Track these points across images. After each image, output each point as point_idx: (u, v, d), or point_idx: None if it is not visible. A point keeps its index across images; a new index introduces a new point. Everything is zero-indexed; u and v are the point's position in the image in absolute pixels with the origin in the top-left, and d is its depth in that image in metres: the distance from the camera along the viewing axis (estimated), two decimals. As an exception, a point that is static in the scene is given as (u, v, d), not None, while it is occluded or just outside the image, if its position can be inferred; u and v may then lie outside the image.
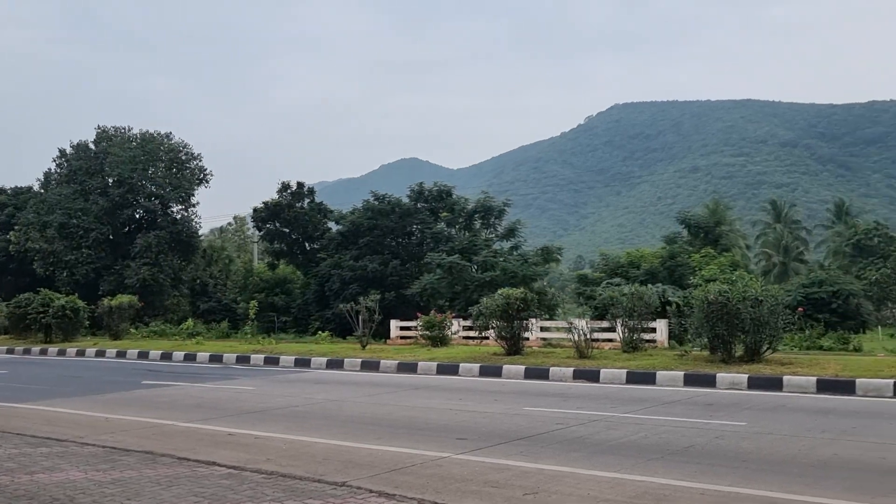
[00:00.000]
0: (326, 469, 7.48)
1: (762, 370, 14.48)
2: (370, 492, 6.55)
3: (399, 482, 6.91)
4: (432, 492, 6.57)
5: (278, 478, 7.09)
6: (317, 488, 6.69)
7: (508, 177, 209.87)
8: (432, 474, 7.24)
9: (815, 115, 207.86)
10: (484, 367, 17.02)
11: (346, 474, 7.22)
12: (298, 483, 6.88)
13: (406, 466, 7.57)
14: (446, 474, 7.24)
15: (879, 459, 7.62)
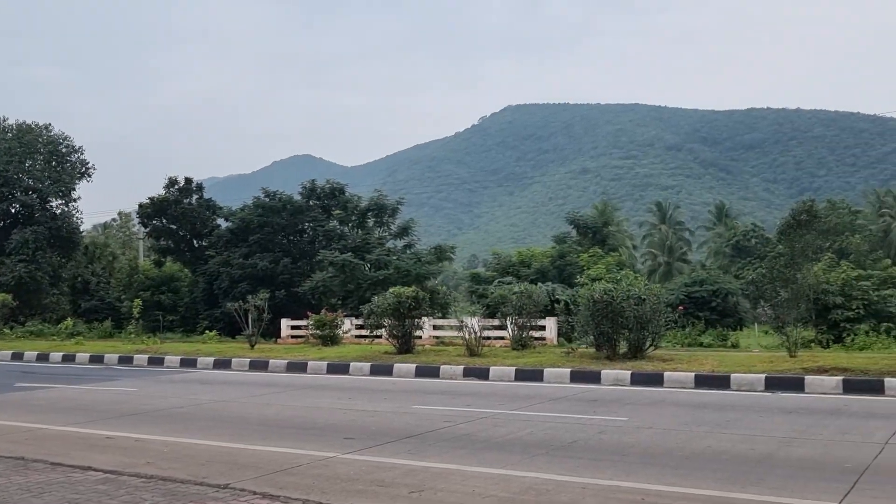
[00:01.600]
0: (209, 471, 7.31)
1: (644, 367, 14.96)
2: (254, 493, 6.44)
3: (284, 483, 6.82)
4: (318, 492, 6.52)
5: (158, 481, 6.89)
6: (198, 491, 6.54)
7: (403, 175, 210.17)
8: (318, 474, 7.18)
9: (698, 121, 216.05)
10: (375, 366, 16.99)
11: (229, 476, 7.07)
12: (179, 486, 6.70)
13: (292, 467, 7.47)
14: (332, 474, 7.19)
15: (749, 450, 7.98)
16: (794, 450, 8.01)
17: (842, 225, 64.58)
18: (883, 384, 12.45)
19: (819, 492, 6.26)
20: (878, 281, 31.05)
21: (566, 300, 20.70)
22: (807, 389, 12.85)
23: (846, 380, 12.78)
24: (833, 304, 25.78)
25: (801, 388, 12.91)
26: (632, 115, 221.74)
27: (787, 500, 6.08)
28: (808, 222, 46.82)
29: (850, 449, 7.97)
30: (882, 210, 69.75)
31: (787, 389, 12.93)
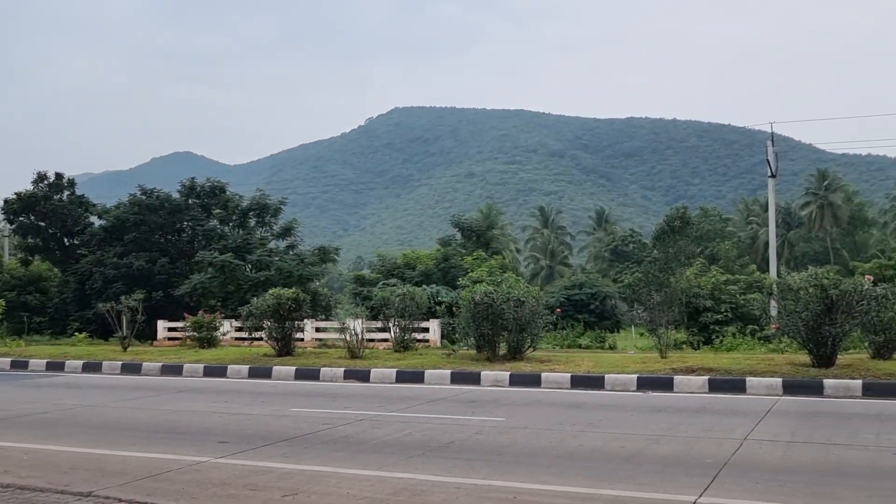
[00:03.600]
0: (72, 479, 7.00)
1: (523, 368, 15.23)
2: (119, 501, 6.22)
3: (152, 489, 6.60)
4: (188, 497, 6.34)
5: (16, 490, 6.55)
6: (59, 500, 6.27)
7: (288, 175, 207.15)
8: (189, 479, 6.99)
9: (580, 128, 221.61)
10: (253, 369, 16.68)
11: (94, 483, 6.79)
12: (39, 495, 6.40)
13: (162, 473, 7.24)
14: (204, 479, 7.01)
15: (619, 448, 8.23)
16: (661, 447, 8.31)
17: (713, 231, 67.59)
18: (745, 383, 13.07)
19: (682, 486, 6.51)
20: (745, 285, 32.53)
21: (447, 302, 20.83)
22: (676, 389, 13.36)
23: (711, 379, 13.36)
24: (703, 307, 26.87)
25: (671, 388, 13.41)
26: (516, 121, 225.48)
27: (651, 495, 6.30)
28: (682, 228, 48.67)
29: (713, 445, 8.32)
30: (750, 218, 73.38)
31: (658, 389, 13.41)
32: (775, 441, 8.50)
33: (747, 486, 6.51)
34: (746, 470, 7.10)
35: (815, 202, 69.01)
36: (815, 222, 68.60)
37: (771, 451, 7.97)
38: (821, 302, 13.87)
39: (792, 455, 7.76)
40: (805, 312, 14.04)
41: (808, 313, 14.00)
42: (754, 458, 7.64)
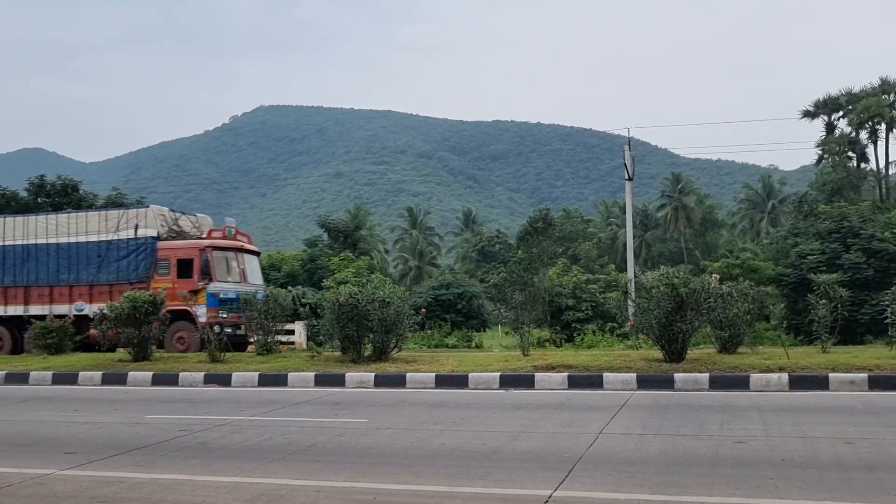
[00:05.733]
0: None
1: (388, 368, 15.23)
2: (-49, 520, 5.82)
3: (-11, 506, 6.22)
4: (28, 513, 6.00)
5: None
6: None
7: (147, 173, 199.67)
8: (32, 493, 6.61)
9: (448, 130, 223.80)
10: (107, 375, 15.98)
11: (-78, 502, 6.34)
12: None
13: (1, 487, 6.82)
14: (48, 492, 6.65)
15: (480, 446, 8.35)
16: (520, 443, 8.48)
17: (575, 232, 69.74)
18: (602, 379, 13.52)
19: (539, 481, 6.66)
20: (604, 284, 33.80)
21: (313, 304, 20.64)
22: (537, 386, 13.67)
23: (571, 376, 13.75)
24: (565, 305, 27.73)
25: (532, 385, 13.72)
26: (384, 122, 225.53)
27: (509, 490, 6.42)
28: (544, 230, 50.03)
29: (570, 440, 8.56)
30: (610, 219, 76.12)
31: (520, 386, 13.70)
32: (628, 434, 8.83)
33: (600, 478, 6.73)
34: (600, 463, 7.34)
35: (669, 204, 72.20)
36: (670, 224, 71.77)
37: (623, 444, 8.27)
38: (672, 300, 14.52)
39: (642, 447, 8.08)
40: (657, 310, 14.66)
41: (660, 311, 14.62)
42: (608, 451, 7.91)
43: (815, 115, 50.31)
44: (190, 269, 21.38)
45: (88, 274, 22.40)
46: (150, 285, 21.18)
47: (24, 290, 22.79)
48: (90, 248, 22.46)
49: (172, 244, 22.09)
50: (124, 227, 22.25)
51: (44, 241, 22.87)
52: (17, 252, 23.04)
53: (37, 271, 22.84)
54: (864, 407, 10.63)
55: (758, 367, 13.54)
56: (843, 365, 13.41)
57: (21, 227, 23.19)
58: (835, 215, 27.70)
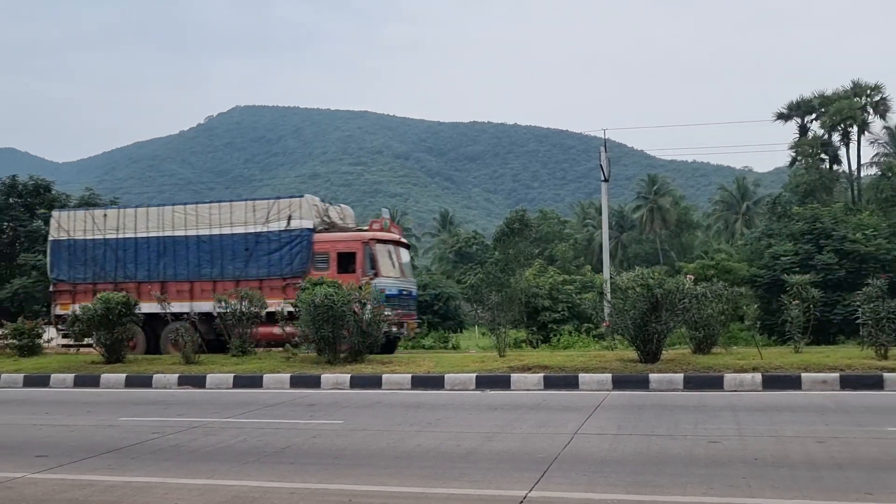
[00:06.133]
0: None
1: (364, 370, 15.19)
2: (-82, 525, 5.73)
3: (-43, 510, 6.13)
4: (-3, 518, 5.93)
5: None
6: None
7: (122, 174, 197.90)
8: (1, 498, 6.52)
9: (424, 131, 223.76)
10: (80, 377, 15.81)
11: None
12: None
13: (-31, 492, 6.74)
14: (18, 496, 6.56)
15: (456, 447, 8.35)
16: (495, 444, 8.49)
17: (551, 233, 69.91)
18: (577, 379, 13.57)
19: (514, 481, 6.67)
20: (580, 285, 33.89)
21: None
22: (513, 387, 13.69)
23: (547, 376, 13.79)
24: (542, 306, 27.76)
25: (508, 386, 13.73)
26: (361, 123, 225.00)
27: (484, 491, 6.42)
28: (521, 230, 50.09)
29: (545, 440, 8.58)
30: (586, 220, 76.38)
31: (496, 387, 13.71)
32: (603, 434, 8.86)
33: (574, 478, 6.75)
34: (575, 463, 7.36)
35: (645, 206, 72.58)
36: (646, 225, 72.15)
37: (598, 444, 8.30)
38: (647, 301, 14.60)
39: (617, 447, 8.11)
40: (633, 311, 14.74)
41: (635, 311, 14.69)
42: (583, 451, 7.93)
43: (788, 117, 50.80)
44: (351, 263, 20.25)
45: (235, 268, 21.03)
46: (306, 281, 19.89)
47: (161, 286, 21.06)
48: (236, 240, 21.10)
49: (331, 236, 20.88)
50: (275, 219, 20.97)
51: (182, 234, 21.47)
52: (152, 245, 21.67)
53: (175, 265, 21.47)
54: (835, 406, 10.74)
55: (732, 368, 13.64)
56: (815, 365, 13.54)
57: (156, 218, 21.80)
58: (808, 217, 27.92)
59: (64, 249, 22.37)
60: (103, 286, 21.18)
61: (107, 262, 21.95)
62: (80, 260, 22.15)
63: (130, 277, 21.58)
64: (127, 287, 20.70)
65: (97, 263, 22.02)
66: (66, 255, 22.31)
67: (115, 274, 21.80)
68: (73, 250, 22.25)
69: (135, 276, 21.64)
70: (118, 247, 21.90)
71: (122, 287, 20.64)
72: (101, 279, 21.80)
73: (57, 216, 23.05)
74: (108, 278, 21.75)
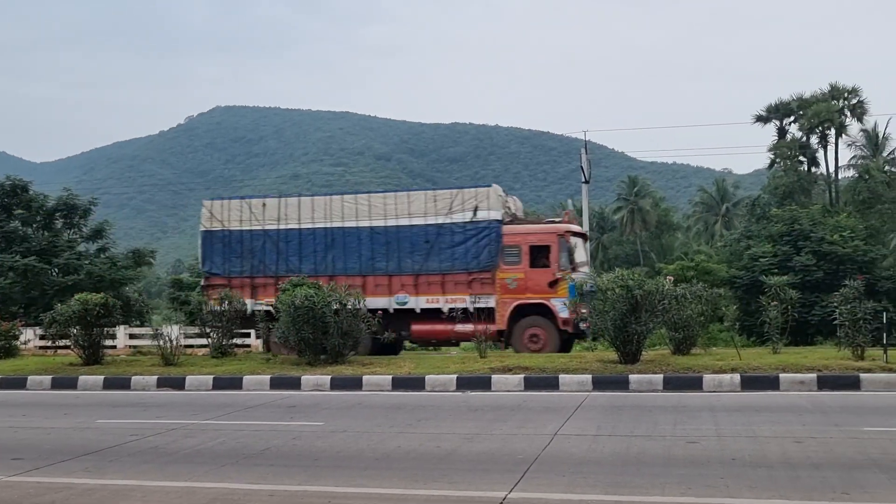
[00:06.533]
0: None
1: (344, 371, 15.15)
2: None
3: (-69, 514, 6.07)
4: (-28, 521, 5.87)
5: None
6: None
7: (101, 174, 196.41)
8: (-24, 501, 6.47)
9: (406, 132, 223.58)
10: (57, 379, 15.66)
11: None
12: None
13: (-56, 495, 6.67)
14: (-7, 500, 6.51)
15: (435, 448, 8.35)
16: (475, 445, 8.50)
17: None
18: (558, 380, 13.58)
19: (493, 482, 6.69)
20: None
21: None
22: (493, 387, 13.69)
23: (527, 377, 13.80)
24: (522, 307, 27.78)
25: (489, 387, 13.72)
26: (342, 124, 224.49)
27: (464, 492, 6.43)
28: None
29: (525, 441, 8.60)
30: (567, 222, 76.45)
31: (477, 388, 13.70)
32: (582, 435, 8.89)
33: (554, 479, 6.77)
34: (555, 464, 7.38)
35: (626, 207, 72.86)
36: (627, 226, 72.43)
37: (578, 444, 8.33)
38: (626, 302, 14.65)
39: (597, 448, 8.15)
40: (612, 312, 14.79)
41: (615, 312, 14.74)
42: (562, 452, 7.96)
43: (767, 119, 51.12)
44: (544, 256, 19.22)
45: (413, 262, 19.83)
46: (495, 275, 19.33)
47: (329, 281, 19.09)
48: (415, 232, 19.90)
49: (521, 228, 19.89)
50: (459, 209, 19.76)
51: (353, 225, 20.31)
52: (319, 237, 20.46)
53: (345, 259, 20.26)
54: (812, 406, 10.83)
55: (711, 368, 13.72)
56: (793, 365, 13.65)
57: (323, 209, 20.63)
58: (786, 218, 28.20)
59: (217, 241, 21.07)
60: (262, 280, 20.43)
61: (266, 254, 20.64)
62: (235, 252, 20.82)
63: (294, 271, 20.06)
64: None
65: (255, 256, 20.68)
66: (220, 248, 21.01)
67: (277, 268, 20.52)
68: (227, 242, 20.94)
69: (299, 270, 20.12)
70: (279, 238, 20.62)
71: (283, 281, 19.16)
72: (261, 273, 20.61)
73: (209, 205, 21.68)
74: (267, 272, 20.54)
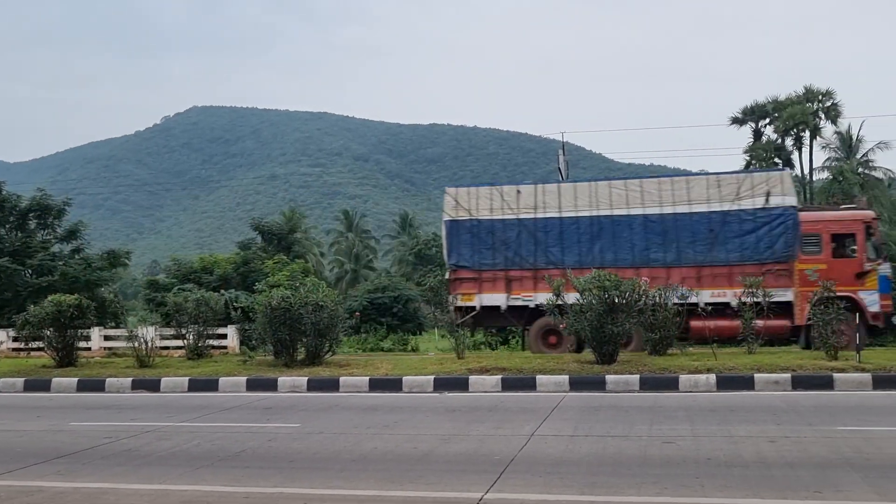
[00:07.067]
0: None
1: (321, 372, 15.10)
2: None
3: None
4: (-59, 526, 5.78)
5: None
6: None
7: (76, 174, 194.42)
8: (-55, 506, 6.38)
9: (384, 133, 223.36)
10: (30, 381, 15.50)
11: None
12: None
13: (-88, 500, 6.57)
14: (-37, 504, 6.42)
15: (412, 449, 8.33)
16: (452, 446, 8.49)
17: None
18: (535, 381, 13.61)
19: (470, 484, 6.68)
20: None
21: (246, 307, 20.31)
22: (471, 388, 13.69)
23: (504, 378, 13.82)
24: (500, 308, 27.81)
25: (466, 388, 13.73)
26: (320, 124, 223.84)
27: (440, 494, 6.42)
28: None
29: (502, 442, 8.60)
30: (544, 223, 76.61)
31: (454, 389, 13.70)
32: (559, 436, 8.90)
33: (530, 480, 6.78)
34: (531, 465, 7.39)
35: (603, 208, 73.09)
36: (604, 227, 72.69)
37: (555, 445, 8.34)
38: (603, 302, 14.71)
39: (573, 448, 8.16)
40: (589, 312, 14.84)
41: (592, 313, 14.79)
42: (539, 453, 7.97)
43: (743, 121, 51.47)
44: (847, 245, 18.36)
45: (696, 252, 18.67)
46: (792, 266, 18.26)
47: None
48: (696, 220, 18.72)
49: (821, 215, 18.93)
50: (748, 195, 18.60)
51: (624, 213, 19.02)
52: (583, 226, 19.21)
53: (615, 249, 19.00)
54: (786, 406, 10.92)
55: (687, 369, 13.80)
56: (767, 366, 13.76)
57: (587, 195, 19.29)
58: (761, 220, 28.36)
59: (465, 231, 19.81)
60: (518, 273, 19.37)
61: (522, 245, 19.45)
62: (485, 243, 19.63)
63: (555, 263, 18.93)
64: (550, 274, 17.86)
65: (509, 247, 19.50)
66: (468, 238, 19.76)
67: (535, 259, 19.31)
68: (476, 232, 19.74)
69: (562, 262, 18.94)
70: (537, 228, 19.43)
71: (543, 274, 18.32)
72: (516, 265, 19.42)
73: (454, 193, 20.21)
74: (524, 264, 19.36)
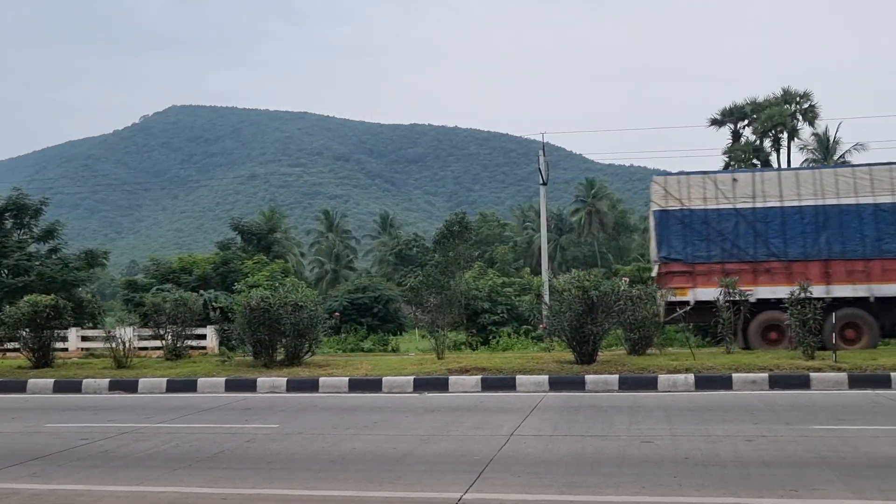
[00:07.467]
0: None
1: (301, 373, 15.04)
2: None
3: None
4: (-87, 529, 5.71)
5: None
6: None
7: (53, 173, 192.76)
8: (-83, 509, 6.30)
9: (365, 133, 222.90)
10: (5, 383, 15.34)
11: None
12: None
13: None
14: (-64, 507, 6.34)
15: (391, 450, 8.32)
16: (431, 446, 8.48)
17: (491, 236, 70.30)
18: (515, 381, 13.63)
19: (449, 484, 6.67)
20: (520, 288, 34.10)
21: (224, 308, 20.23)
22: (451, 389, 13.69)
23: (484, 378, 13.82)
24: (482, 308, 27.88)
25: (446, 388, 13.73)
26: (300, 124, 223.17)
27: (419, 494, 6.41)
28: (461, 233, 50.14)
29: (481, 442, 8.60)
30: (526, 223, 77.01)
31: (434, 389, 13.69)
32: (538, 436, 8.91)
33: (509, 480, 6.78)
34: (510, 465, 7.39)
35: (584, 209, 73.41)
36: (585, 228, 72.99)
37: (534, 445, 8.35)
38: (583, 302, 14.76)
39: (553, 448, 8.18)
40: (569, 312, 14.88)
41: (571, 313, 14.83)
42: (518, 452, 7.97)
43: (721, 123, 51.82)
44: None
45: None
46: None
47: (823, 266, 17.84)
48: None
49: None
50: None
51: (852, 202, 18.07)
52: (808, 215, 18.20)
53: (843, 240, 17.97)
54: (764, 405, 10.99)
55: (665, 368, 13.86)
56: (745, 365, 13.85)
57: (811, 183, 18.32)
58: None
59: (675, 222, 18.77)
60: (735, 266, 18.30)
61: (740, 236, 18.49)
62: (699, 234, 18.67)
63: (777, 255, 18.15)
64: (771, 267, 17.73)
65: (725, 238, 18.53)
66: (679, 229, 18.75)
67: (755, 251, 18.33)
68: (688, 222, 18.78)
69: (784, 254, 18.17)
70: (756, 218, 18.48)
71: (764, 266, 17.90)
72: (734, 257, 18.41)
73: (663, 182, 19.19)
74: (743, 257, 18.37)
